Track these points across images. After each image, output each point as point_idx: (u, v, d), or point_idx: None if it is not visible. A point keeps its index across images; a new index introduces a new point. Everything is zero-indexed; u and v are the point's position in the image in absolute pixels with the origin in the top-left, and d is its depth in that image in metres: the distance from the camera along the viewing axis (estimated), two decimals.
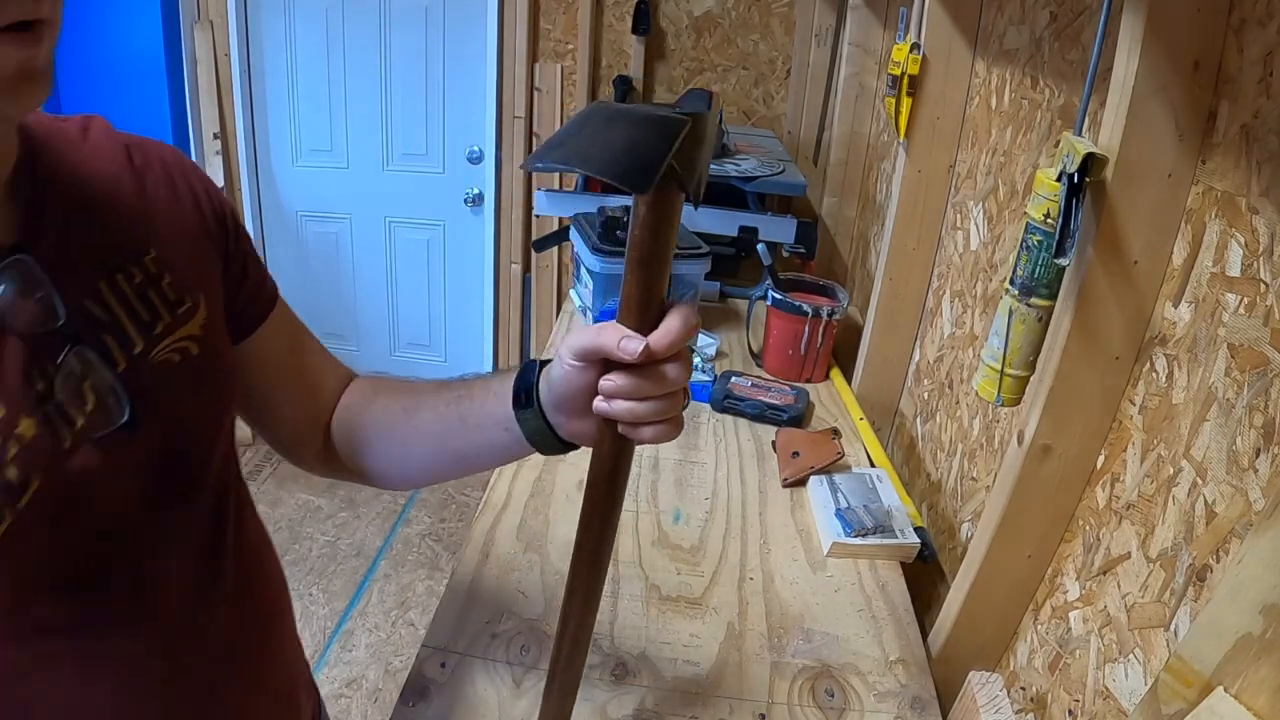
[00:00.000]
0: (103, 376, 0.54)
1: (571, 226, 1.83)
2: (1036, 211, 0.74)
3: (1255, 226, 0.62)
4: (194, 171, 0.67)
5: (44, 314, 0.51)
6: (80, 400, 0.52)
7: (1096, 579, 0.79)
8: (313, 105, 2.90)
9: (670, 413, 0.56)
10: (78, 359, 0.52)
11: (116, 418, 0.54)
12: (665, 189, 0.49)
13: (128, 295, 0.57)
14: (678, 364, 0.55)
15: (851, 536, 1.11)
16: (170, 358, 0.59)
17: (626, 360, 0.53)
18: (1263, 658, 0.49)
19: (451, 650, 0.90)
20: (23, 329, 0.50)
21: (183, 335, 0.60)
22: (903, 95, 1.30)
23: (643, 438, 0.57)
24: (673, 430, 0.57)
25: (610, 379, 0.55)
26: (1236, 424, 0.62)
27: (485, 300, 3.06)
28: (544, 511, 1.15)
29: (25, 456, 0.48)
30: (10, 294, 0.50)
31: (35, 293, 0.51)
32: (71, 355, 0.52)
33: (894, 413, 1.56)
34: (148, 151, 0.64)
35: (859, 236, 2.06)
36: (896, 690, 0.91)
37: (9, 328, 0.49)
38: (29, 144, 0.55)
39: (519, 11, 2.63)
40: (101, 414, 0.53)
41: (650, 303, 0.53)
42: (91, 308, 0.54)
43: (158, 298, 0.59)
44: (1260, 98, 0.62)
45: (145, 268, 0.59)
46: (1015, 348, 0.79)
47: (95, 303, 0.55)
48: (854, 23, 2.05)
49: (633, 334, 0.53)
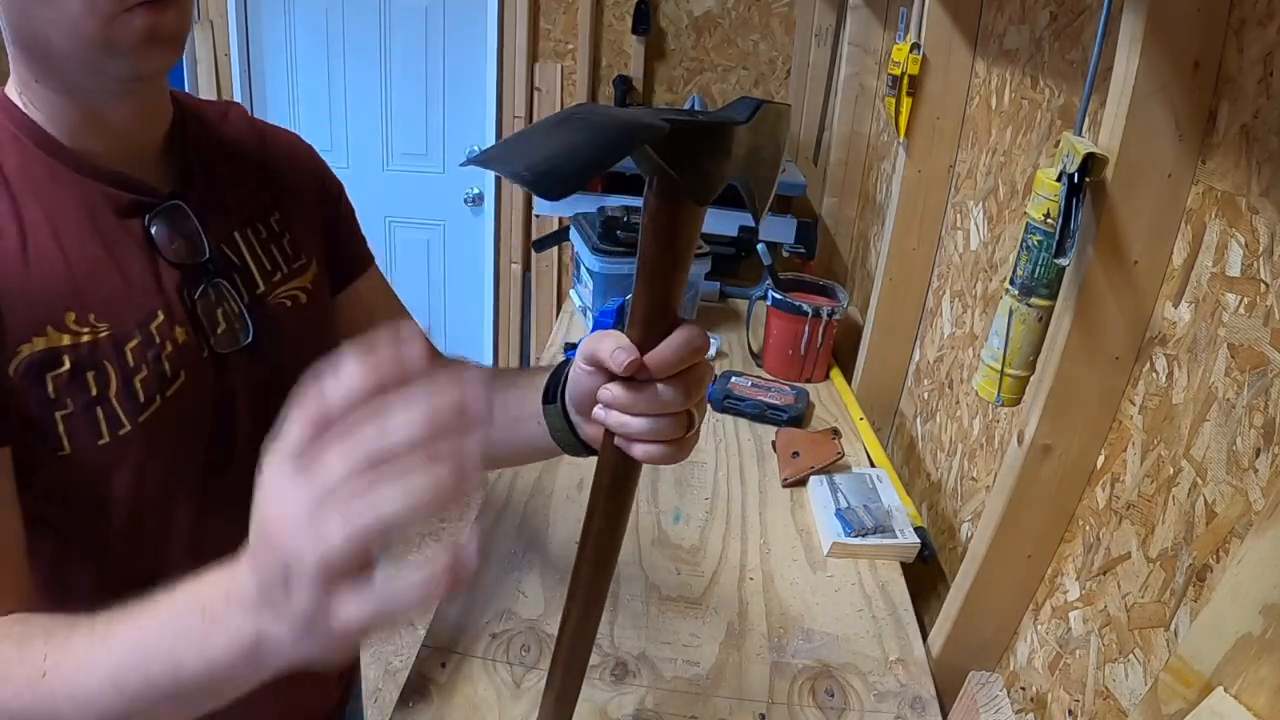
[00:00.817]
0: (233, 305, 0.66)
1: (571, 226, 1.83)
2: (1036, 211, 0.74)
3: (1255, 226, 0.62)
4: (313, 156, 0.80)
5: (192, 249, 0.64)
6: (214, 321, 0.65)
7: (1096, 579, 0.79)
8: (313, 105, 2.90)
9: (666, 434, 0.53)
10: (214, 289, 0.65)
11: (242, 339, 0.66)
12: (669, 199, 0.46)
13: (255, 246, 0.70)
14: (674, 385, 0.52)
15: (851, 536, 1.11)
16: (284, 301, 0.71)
17: (615, 372, 0.51)
18: (1263, 658, 0.49)
19: (451, 650, 0.90)
20: (175, 258, 0.62)
21: (296, 285, 0.72)
22: (903, 95, 1.30)
23: (634, 454, 0.54)
24: (669, 453, 0.54)
25: (607, 388, 0.53)
26: (1236, 424, 0.62)
27: (485, 300, 3.06)
28: (544, 511, 1.15)
29: (177, 355, 0.61)
30: (166, 230, 0.62)
31: (186, 231, 0.63)
32: (209, 285, 0.64)
33: (894, 413, 1.56)
34: (276, 136, 0.78)
35: (859, 236, 2.06)
36: (896, 690, 0.91)
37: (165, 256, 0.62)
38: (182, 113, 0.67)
39: (519, 11, 2.62)
40: (230, 335, 0.66)
41: (654, 317, 0.50)
42: (228, 251, 0.67)
43: (279, 252, 0.72)
44: (1260, 98, 0.62)
45: (270, 226, 0.72)
46: (1015, 348, 0.79)
47: (230, 248, 0.67)
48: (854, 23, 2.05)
49: (626, 346, 0.51)
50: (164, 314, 0.61)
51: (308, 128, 2.91)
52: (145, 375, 0.59)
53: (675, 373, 0.51)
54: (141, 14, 0.52)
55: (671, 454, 0.54)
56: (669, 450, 0.54)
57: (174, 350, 0.61)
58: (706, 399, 0.57)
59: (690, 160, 0.45)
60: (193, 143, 0.67)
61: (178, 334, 0.61)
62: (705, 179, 0.46)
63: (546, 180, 0.39)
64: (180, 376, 0.61)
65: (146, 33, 0.53)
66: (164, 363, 0.60)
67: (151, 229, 0.61)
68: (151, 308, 0.60)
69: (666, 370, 0.51)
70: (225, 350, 0.65)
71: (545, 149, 0.40)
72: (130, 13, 0.52)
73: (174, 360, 0.60)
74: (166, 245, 0.62)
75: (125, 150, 0.61)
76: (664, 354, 0.50)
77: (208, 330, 0.64)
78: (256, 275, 0.69)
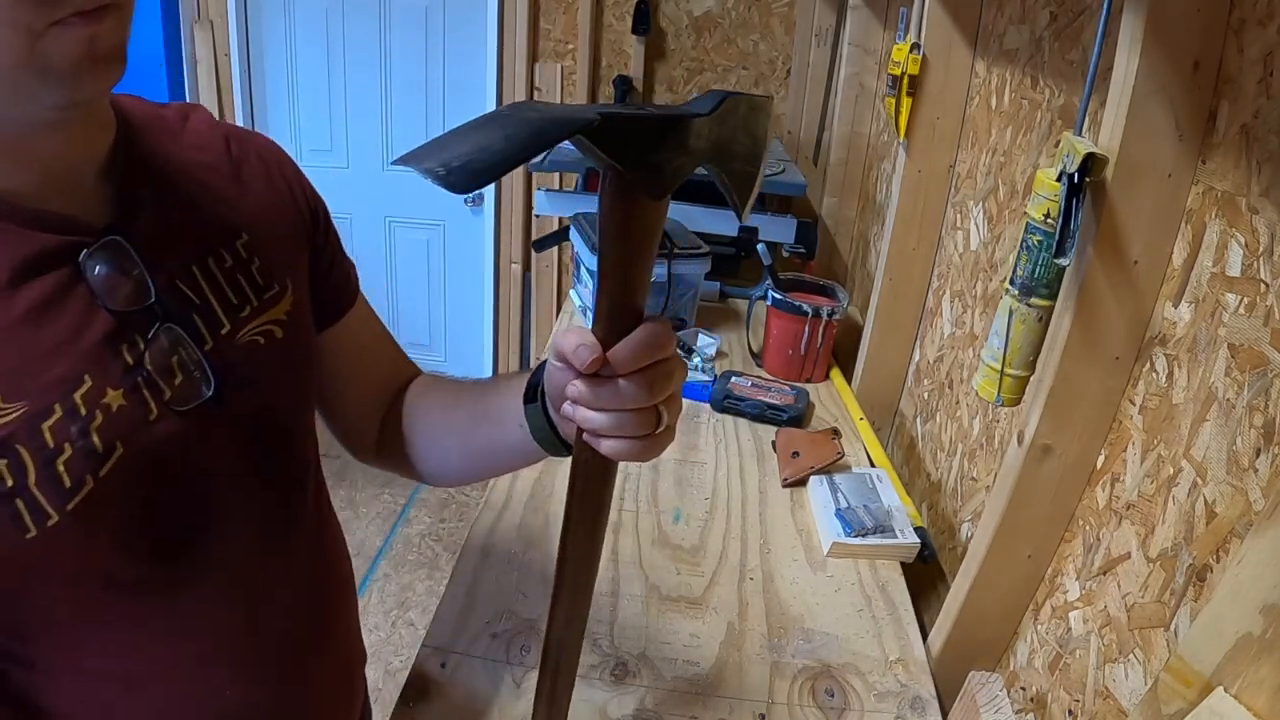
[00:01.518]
0: (190, 353, 0.56)
1: (571, 226, 1.83)
2: (1036, 211, 0.74)
3: (1255, 226, 0.62)
4: (289, 165, 0.71)
5: (137, 292, 0.54)
6: (170, 374, 0.55)
7: (1096, 579, 0.79)
8: (313, 105, 2.90)
9: (633, 430, 0.52)
10: (167, 335, 0.55)
11: (203, 392, 0.57)
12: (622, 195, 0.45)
13: (218, 278, 0.60)
14: (637, 381, 0.51)
15: (851, 536, 1.11)
16: (256, 339, 0.61)
17: (577, 368, 0.51)
18: (1263, 658, 0.49)
19: (451, 650, 0.90)
20: (116, 305, 0.53)
21: (269, 319, 0.63)
22: (903, 95, 1.30)
23: (602, 450, 0.54)
24: (637, 449, 0.53)
25: (573, 384, 0.53)
26: (1236, 424, 0.62)
27: (485, 300, 3.06)
28: (544, 511, 1.15)
29: (111, 426, 0.51)
30: (104, 272, 0.52)
31: (128, 272, 0.54)
32: (161, 332, 0.55)
33: (894, 413, 1.56)
34: (246, 143, 0.67)
35: (859, 236, 2.06)
36: (896, 690, 0.91)
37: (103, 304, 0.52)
38: (126, 128, 0.57)
39: (519, 11, 2.63)
40: (188, 388, 0.56)
41: (615, 314, 0.50)
42: (183, 288, 0.57)
43: (247, 281, 0.62)
44: (1260, 98, 0.62)
45: (237, 252, 0.61)
46: (1015, 348, 0.79)
47: (187, 283, 0.57)
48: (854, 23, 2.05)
49: (589, 343, 0.51)
50: (92, 378, 0.51)
51: (308, 128, 2.92)
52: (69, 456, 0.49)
53: (638, 368, 0.51)
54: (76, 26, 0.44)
55: (640, 450, 0.53)
56: (637, 446, 0.53)
57: (105, 420, 0.51)
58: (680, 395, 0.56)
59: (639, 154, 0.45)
60: (140, 162, 0.57)
61: (110, 400, 0.51)
62: (658, 173, 0.45)
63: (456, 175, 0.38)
64: (117, 449, 0.51)
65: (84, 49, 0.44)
66: (93, 437, 0.50)
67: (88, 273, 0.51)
68: (76, 373, 0.50)
69: (628, 366, 0.51)
70: (185, 406, 0.56)
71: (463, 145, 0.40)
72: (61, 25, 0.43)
73: (106, 432, 0.51)
74: (105, 291, 0.52)
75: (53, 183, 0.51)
76: (624, 350, 0.51)
77: (161, 386, 0.54)
78: (220, 313, 0.59)
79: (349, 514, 2.78)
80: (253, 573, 0.63)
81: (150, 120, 0.61)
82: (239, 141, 0.66)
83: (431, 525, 2.80)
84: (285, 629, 0.67)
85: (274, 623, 0.66)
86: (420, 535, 2.75)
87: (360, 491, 2.86)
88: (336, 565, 0.77)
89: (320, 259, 0.72)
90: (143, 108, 0.61)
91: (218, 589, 0.61)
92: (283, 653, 0.67)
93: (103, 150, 0.55)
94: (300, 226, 0.70)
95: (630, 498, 1.19)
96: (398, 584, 2.52)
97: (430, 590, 2.49)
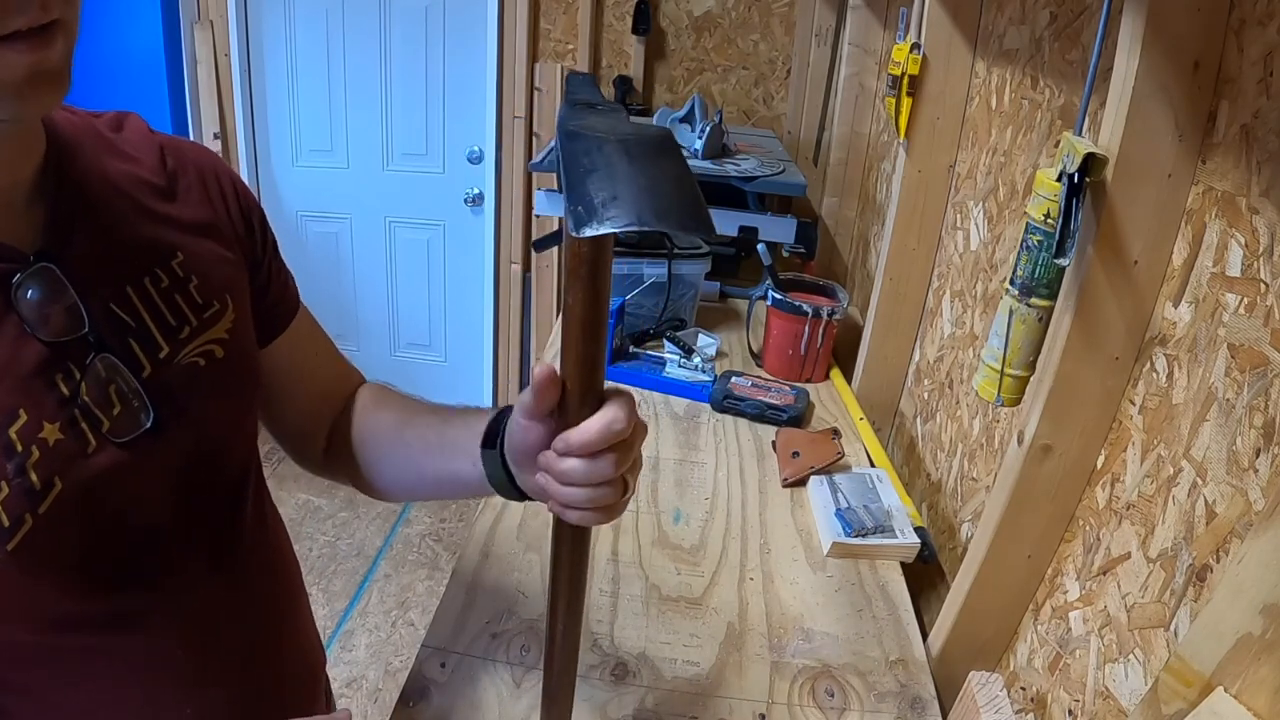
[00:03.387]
0: (128, 382, 0.54)
1: None
2: (1036, 211, 0.74)
3: (1255, 226, 0.62)
4: (227, 175, 0.68)
5: (70, 320, 0.52)
6: (108, 404, 0.53)
7: (1096, 579, 0.79)
8: (313, 105, 2.90)
9: (600, 502, 0.55)
10: (103, 365, 0.53)
11: (142, 421, 0.55)
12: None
13: (155, 299, 0.58)
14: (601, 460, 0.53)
15: (851, 536, 1.11)
16: (196, 361, 0.59)
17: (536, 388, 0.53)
18: (1263, 658, 0.49)
19: (451, 650, 0.90)
20: (49, 335, 0.51)
21: (209, 338, 0.61)
22: (903, 95, 1.30)
23: (567, 519, 0.57)
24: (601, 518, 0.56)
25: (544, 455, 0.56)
26: (1236, 424, 0.62)
27: (485, 300, 3.06)
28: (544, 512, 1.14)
29: (48, 461, 0.50)
30: (35, 300, 0.50)
31: (61, 300, 0.51)
32: (97, 361, 0.53)
33: (894, 413, 1.56)
34: (182, 153, 0.65)
35: (859, 236, 2.06)
36: (896, 690, 0.91)
37: (35, 334, 0.50)
38: (56, 145, 0.55)
39: (519, 12, 2.62)
40: (127, 418, 0.54)
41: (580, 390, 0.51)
42: (119, 312, 0.55)
43: (184, 301, 0.60)
44: (1260, 98, 0.62)
45: (173, 271, 0.59)
46: (1015, 348, 0.79)
47: (122, 308, 0.55)
48: (854, 23, 2.05)
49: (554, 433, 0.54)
50: (27, 412, 0.49)
51: (307, 128, 2.92)
52: (7, 495, 0.48)
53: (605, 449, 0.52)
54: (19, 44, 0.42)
55: (605, 517, 0.56)
56: (603, 515, 0.56)
57: (42, 456, 0.49)
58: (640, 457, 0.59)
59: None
60: (71, 183, 0.55)
61: (47, 434, 0.50)
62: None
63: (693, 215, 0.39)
64: (55, 485, 0.50)
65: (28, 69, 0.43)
66: (30, 474, 0.49)
67: (18, 301, 0.49)
68: (10, 408, 0.49)
69: (590, 449, 0.52)
70: (125, 438, 0.54)
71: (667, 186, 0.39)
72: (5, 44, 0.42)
73: (44, 468, 0.49)
74: (37, 320, 0.50)
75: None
76: (587, 435, 0.52)
77: (99, 417, 0.52)
78: (159, 336, 0.57)
79: (349, 514, 2.78)
80: (202, 597, 0.62)
81: (82, 133, 0.58)
82: (174, 153, 0.64)
83: (431, 525, 2.80)
84: (239, 646, 0.66)
85: (228, 642, 0.65)
86: (420, 535, 2.75)
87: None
88: (284, 572, 0.76)
89: (259, 272, 0.70)
90: (73, 120, 0.59)
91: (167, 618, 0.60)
92: (239, 669, 0.66)
93: (32, 171, 0.53)
94: (239, 240, 0.67)
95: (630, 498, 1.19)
96: (398, 584, 2.52)
97: (430, 590, 2.49)
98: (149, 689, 0.60)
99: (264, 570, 0.71)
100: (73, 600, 0.54)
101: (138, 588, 0.57)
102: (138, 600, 0.57)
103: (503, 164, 2.83)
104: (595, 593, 1.00)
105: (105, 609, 0.56)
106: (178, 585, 0.60)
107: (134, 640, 0.58)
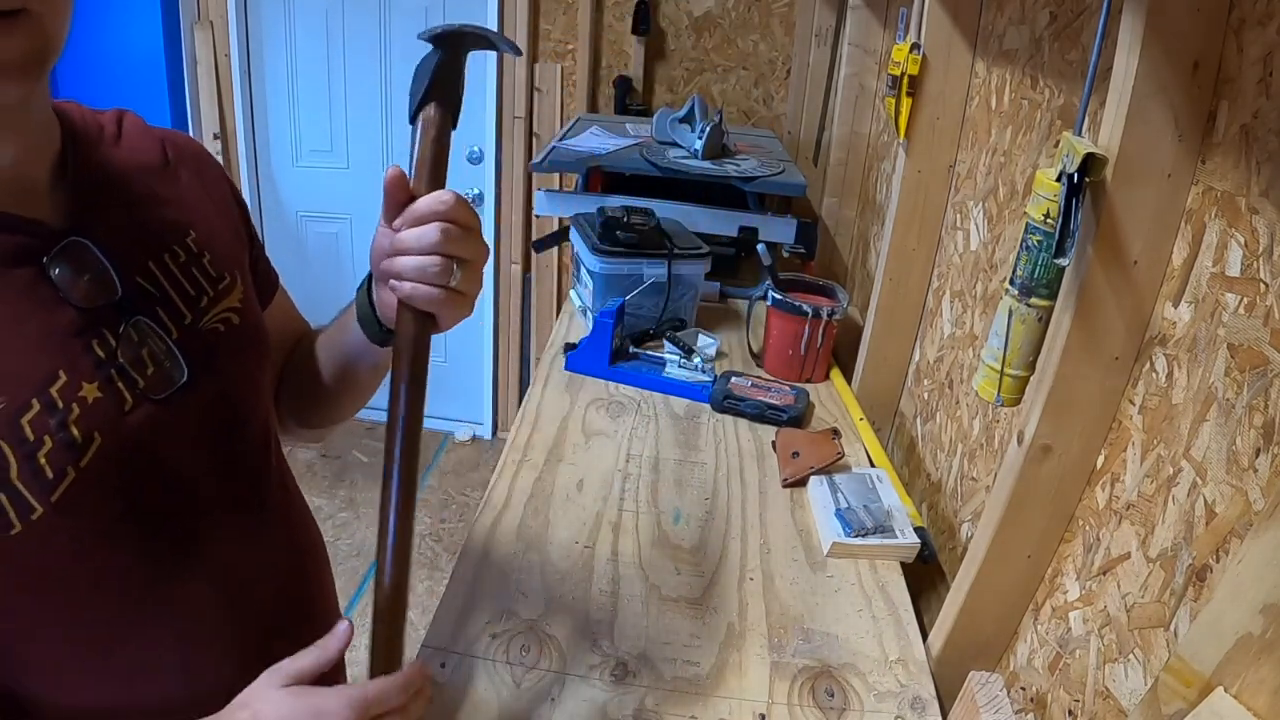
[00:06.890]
0: (160, 343, 0.60)
1: (571, 226, 1.83)
2: (1036, 211, 0.74)
3: (1255, 226, 0.62)
4: (216, 165, 0.75)
5: (103, 289, 0.57)
6: (142, 365, 0.58)
7: (1096, 579, 0.79)
8: (313, 105, 2.90)
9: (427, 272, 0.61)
10: (135, 329, 0.58)
11: (176, 379, 0.60)
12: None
13: (175, 272, 0.63)
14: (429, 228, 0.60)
15: (851, 536, 1.11)
16: (216, 327, 0.65)
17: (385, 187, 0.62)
18: (1263, 658, 0.49)
19: (451, 650, 0.90)
20: (83, 302, 0.55)
21: (225, 307, 0.67)
22: (903, 95, 1.30)
23: (401, 292, 0.62)
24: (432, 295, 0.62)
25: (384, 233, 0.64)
26: (1236, 424, 0.62)
27: (485, 300, 3.06)
28: (544, 511, 1.15)
29: (88, 417, 0.53)
30: (68, 273, 0.55)
31: (93, 270, 0.56)
32: (129, 326, 0.58)
33: (894, 413, 1.56)
34: (179, 145, 0.70)
35: (859, 236, 2.06)
36: (896, 690, 0.91)
37: (70, 302, 0.55)
38: (72, 136, 0.60)
39: (519, 11, 2.63)
40: (161, 376, 0.59)
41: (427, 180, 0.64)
42: (143, 283, 0.60)
43: (200, 274, 0.65)
44: (1260, 98, 0.62)
45: (188, 248, 0.65)
46: (1015, 348, 0.79)
47: (146, 279, 0.61)
48: (854, 23, 2.05)
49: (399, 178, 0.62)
50: (66, 373, 0.53)
51: (307, 128, 2.92)
52: (50, 449, 0.51)
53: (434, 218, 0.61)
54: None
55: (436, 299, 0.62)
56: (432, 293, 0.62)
57: (82, 413, 0.53)
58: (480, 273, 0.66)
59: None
60: (89, 166, 0.60)
61: (86, 393, 0.54)
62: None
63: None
64: (95, 439, 0.53)
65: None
66: (71, 430, 0.52)
67: (52, 273, 0.54)
68: (50, 369, 0.52)
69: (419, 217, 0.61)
70: (160, 395, 0.58)
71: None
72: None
73: (84, 424, 0.53)
74: (72, 289, 0.54)
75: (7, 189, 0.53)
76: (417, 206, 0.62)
77: (134, 377, 0.57)
78: (181, 304, 0.62)
79: (349, 514, 2.78)
80: (233, 558, 0.66)
81: (90, 127, 0.63)
82: (172, 144, 0.70)
83: (431, 525, 2.80)
84: (268, 609, 0.69)
85: (258, 604, 0.68)
86: (420, 535, 2.75)
87: (360, 492, 2.86)
88: (308, 538, 0.80)
89: (253, 248, 0.77)
90: (81, 114, 0.64)
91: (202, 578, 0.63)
92: (268, 632, 0.68)
93: (52, 156, 0.58)
94: (236, 222, 0.74)
95: (630, 498, 1.19)
96: None
97: (430, 590, 2.49)
98: (184, 654, 0.62)
99: (289, 536, 0.75)
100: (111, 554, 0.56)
101: (174, 544, 0.61)
102: (174, 558, 0.61)
103: (503, 164, 2.83)
104: (595, 592, 1.01)
105: (143, 567, 0.59)
106: (212, 541, 0.63)
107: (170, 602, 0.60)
